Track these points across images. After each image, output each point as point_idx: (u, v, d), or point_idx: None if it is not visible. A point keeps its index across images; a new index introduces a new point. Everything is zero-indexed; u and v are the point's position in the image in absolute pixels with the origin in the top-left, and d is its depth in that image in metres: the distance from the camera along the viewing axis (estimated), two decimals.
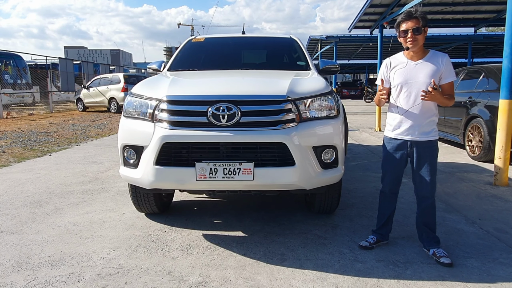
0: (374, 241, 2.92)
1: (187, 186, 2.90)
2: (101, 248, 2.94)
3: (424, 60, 2.68)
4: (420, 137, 2.70)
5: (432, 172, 2.73)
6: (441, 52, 2.73)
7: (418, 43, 2.63)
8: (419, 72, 2.66)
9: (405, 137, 2.74)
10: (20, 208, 3.89)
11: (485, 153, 5.99)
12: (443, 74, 2.66)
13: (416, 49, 2.67)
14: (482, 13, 11.50)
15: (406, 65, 2.72)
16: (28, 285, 2.41)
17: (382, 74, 2.86)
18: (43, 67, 22.50)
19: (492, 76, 6.33)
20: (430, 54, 2.70)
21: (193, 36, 5.07)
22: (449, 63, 2.67)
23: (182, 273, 2.56)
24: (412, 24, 2.62)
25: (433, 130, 2.72)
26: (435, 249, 2.76)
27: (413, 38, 2.62)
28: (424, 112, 2.67)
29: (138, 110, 3.01)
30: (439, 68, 2.64)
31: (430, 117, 2.70)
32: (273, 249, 2.93)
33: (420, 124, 2.68)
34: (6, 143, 8.00)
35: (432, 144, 2.73)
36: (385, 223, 2.95)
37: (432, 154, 2.73)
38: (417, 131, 2.69)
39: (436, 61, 2.66)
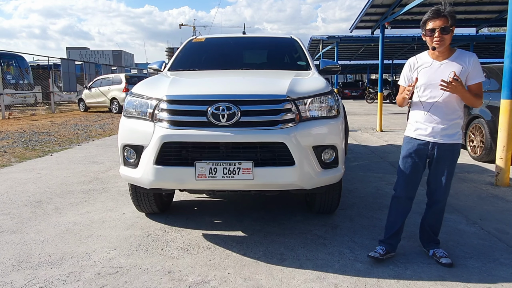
0: (384, 252, 2.71)
1: (186, 185, 2.90)
2: (101, 248, 2.94)
3: (450, 60, 2.54)
4: (443, 139, 2.56)
5: (449, 177, 2.64)
6: (469, 52, 2.59)
7: (445, 43, 2.49)
8: (444, 73, 2.51)
9: (427, 138, 2.60)
10: (20, 208, 3.90)
11: (486, 154, 5.97)
12: (470, 74, 2.52)
13: (444, 49, 2.53)
14: (483, 13, 11.47)
15: (430, 65, 2.59)
16: (28, 284, 2.41)
17: (406, 74, 2.75)
18: (45, 67, 22.57)
19: (494, 76, 6.32)
20: (456, 54, 2.56)
21: (194, 36, 5.08)
22: (477, 63, 2.53)
23: (182, 273, 2.55)
24: (440, 23, 2.46)
25: (457, 133, 2.59)
26: (435, 249, 2.74)
27: (440, 37, 2.47)
28: (449, 114, 2.55)
29: (138, 109, 3.01)
30: (466, 68, 2.50)
31: (455, 119, 2.57)
32: (272, 249, 2.92)
33: (444, 126, 2.55)
34: (8, 143, 8.02)
35: (454, 147, 2.60)
36: (396, 232, 2.76)
37: (453, 158, 2.62)
38: (440, 133, 2.56)
39: (463, 61, 2.52)
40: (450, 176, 2.66)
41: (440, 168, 2.63)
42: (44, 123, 12.25)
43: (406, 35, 17.96)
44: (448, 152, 2.59)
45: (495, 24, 13.90)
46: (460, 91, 2.44)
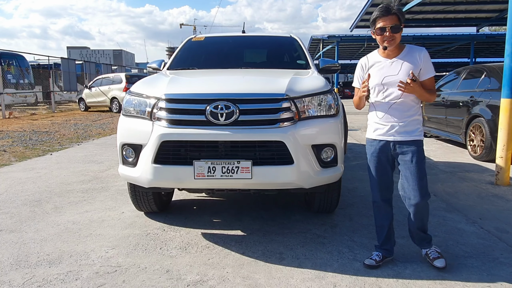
0: (380, 258, 2.63)
1: (185, 184, 2.89)
2: (99, 247, 2.94)
3: (400, 57, 2.50)
4: (403, 136, 2.49)
5: (419, 175, 2.49)
6: (418, 47, 2.54)
7: (395, 41, 2.46)
8: (396, 70, 2.47)
9: (387, 137, 2.53)
10: (20, 207, 3.89)
11: (486, 153, 5.96)
12: (423, 70, 2.47)
13: (395, 47, 2.50)
14: (484, 12, 11.47)
15: (382, 64, 2.53)
16: (26, 283, 2.40)
17: (358, 75, 2.67)
18: (46, 67, 22.59)
19: (494, 75, 6.30)
20: (406, 50, 2.52)
21: (194, 35, 5.07)
22: (427, 57, 2.48)
23: (180, 272, 2.55)
24: (390, 22, 2.42)
25: (417, 129, 2.52)
26: (427, 249, 2.66)
27: (391, 36, 2.43)
28: (405, 111, 2.49)
29: (137, 108, 3.01)
30: (417, 64, 2.46)
31: (412, 115, 2.50)
32: (271, 248, 2.92)
33: (402, 123, 2.49)
34: (8, 142, 8.02)
35: (416, 144, 2.51)
36: (387, 237, 2.68)
37: (418, 155, 2.50)
38: (399, 131, 2.49)
39: (413, 57, 2.48)
40: (421, 173, 2.50)
41: (407, 167, 2.52)
42: (44, 123, 12.25)
43: (406, 34, 17.95)
44: (411, 149, 2.50)
45: (495, 23, 13.91)
46: (418, 91, 2.41)
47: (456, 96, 7.23)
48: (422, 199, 2.51)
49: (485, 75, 6.59)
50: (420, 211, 2.57)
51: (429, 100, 2.54)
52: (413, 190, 2.51)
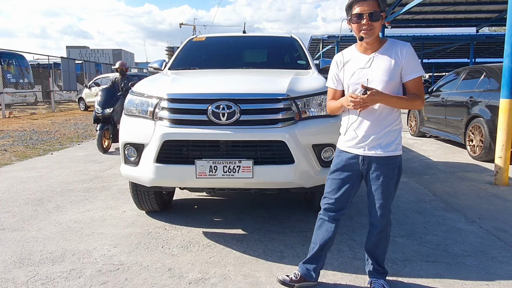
0: (297, 277, 2.32)
1: (187, 183, 2.92)
2: (101, 245, 2.96)
3: (380, 53, 2.10)
4: (375, 151, 2.11)
5: (385, 196, 2.15)
6: (402, 41, 2.13)
7: (374, 32, 2.05)
8: (374, 68, 2.08)
9: (357, 150, 2.15)
10: (22, 206, 3.92)
11: (486, 153, 5.99)
12: (405, 68, 2.06)
13: (373, 40, 2.09)
14: (484, 12, 11.50)
15: (358, 60, 2.15)
16: (30, 281, 2.43)
17: (333, 73, 2.27)
18: (45, 66, 22.59)
19: (493, 76, 6.33)
20: (387, 45, 2.11)
21: (194, 35, 5.09)
22: (411, 53, 2.07)
23: (182, 270, 2.58)
24: (368, 7, 2.01)
25: (392, 143, 2.11)
26: (374, 278, 2.33)
27: (369, 25, 2.03)
28: (381, 119, 2.10)
29: (139, 108, 3.03)
30: (399, 62, 2.06)
31: (389, 125, 2.10)
32: (272, 246, 2.94)
33: (376, 135, 2.10)
34: (9, 142, 8.04)
35: (390, 161, 2.11)
36: (315, 256, 2.33)
37: (389, 174, 2.12)
38: (371, 144, 2.11)
39: (395, 52, 2.07)
40: (387, 196, 2.15)
41: (374, 187, 2.16)
42: (45, 122, 12.26)
43: (406, 35, 18.00)
44: (383, 167, 2.12)
45: (495, 23, 13.93)
46: (386, 101, 2.03)
47: (456, 96, 7.26)
48: (381, 220, 2.20)
49: (484, 76, 6.62)
50: (378, 234, 2.26)
51: (411, 107, 2.14)
52: (375, 211, 2.20)
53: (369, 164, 2.14)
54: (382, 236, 2.27)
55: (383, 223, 2.22)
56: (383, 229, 2.25)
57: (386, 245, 2.32)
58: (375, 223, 2.24)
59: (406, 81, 2.09)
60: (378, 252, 2.32)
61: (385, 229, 2.26)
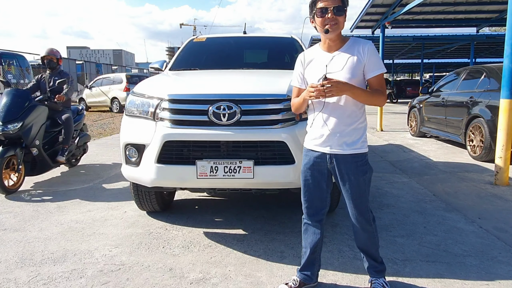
0: (296, 284, 2.33)
1: (188, 184, 2.93)
2: (103, 245, 2.97)
3: (343, 51, 2.12)
4: (341, 149, 2.11)
5: (357, 195, 2.15)
6: (364, 39, 2.16)
7: (338, 26, 2.06)
8: (337, 66, 2.09)
9: (323, 148, 2.15)
10: (23, 206, 3.93)
11: (486, 153, 5.99)
12: (367, 66, 2.09)
13: (335, 36, 2.10)
14: (484, 13, 11.49)
15: (322, 58, 2.16)
16: (32, 281, 2.44)
17: (298, 72, 2.28)
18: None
19: (493, 76, 6.34)
20: (350, 43, 2.14)
21: (195, 36, 5.11)
22: (373, 51, 2.10)
23: (183, 270, 2.59)
24: (332, 2, 2.04)
25: (358, 140, 2.13)
26: (374, 278, 2.33)
27: (334, 19, 2.04)
28: (345, 117, 2.11)
29: (140, 108, 3.04)
30: (361, 59, 2.08)
31: (353, 123, 2.11)
32: (273, 246, 2.95)
33: (341, 133, 2.11)
34: None
35: (357, 158, 2.12)
36: (309, 261, 2.34)
37: (357, 171, 2.12)
38: (336, 142, 2.11)
39: (357, 50, 2.10)
40: (360, 195, 2.16)
41: (345, 185, 2.16)
42: None
43: (406, 35, 17.99)
44: (350, 165, 2.12)
45: (495, 23, 13.92)
46: (347, 90, 2.01)
47: (456, 96, 7.27)
48: (361, 217, 2.21)
49: (484, 76, 6.63)
50: (362, 231, 2.26)
51: (374, 103, 2.13)
52: (350, 209, 2.22)
53: (336, 162, 2.14)
54: (368, 234, 2.26)
55: (363, 222, 2.22)
56: (366, 228, 2.24)
57: (375, 241, 2.31)
58: (355, 222, 2.24)
59: (369, 78, 2.12)
60: (370, 248, 2.31)
61: (368, 228, 2.25)
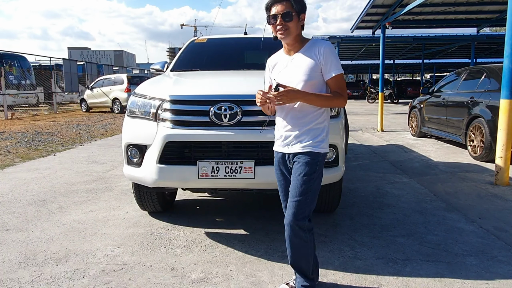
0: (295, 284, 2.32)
1: (189, 184, 2.95)
2: (105, 245, 2.99)
3: (301, 53, 2.11)
4: (296, 148, 2.11)
5: (299, 193, 2.05)
6: (322, 40, 2.14)
7: (290, 32, 2.06)
8: (295, 69, 2.10)
9: (283, 149, 2.17)
10: (25, 207, 3.95)
11: (486, 153, 6.00)
12: (324, 67, 2.06)
13: (291, 41, 2.11)
14: (484, 13, 11.49)
15: (283, 62, 2.19)
16: (35, 280, 2.46)
17: (267, 77, 2.34)
18: (47, 68, 22.67)
19: (494, 76, 6.35)
20: (308, 45, 2.13)
21: (196, 37, 5.13)
22: (330, 52, 2.06)
23: (185, 270, 2.60)
24: (282, 8, 2.03)
25: (314, 140, 2.09)
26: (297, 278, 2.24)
27: (283, 25, 2.04)
28: (301, 118, 2.10)
29: (142, 109, 3.06)
30: (317, 61, 2.06)
31: (310, 123, 2.10)
32: (274, 246, 2.97)
33: (297, 133, 2.11)
34: (11, 143, 8.08)
35: (309, 157, 2.07)
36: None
37: (306, 171, 2.05)
38: (293, 142, 2.12)
39: (314, 52, 2.08)
40: (302, 194, 2.05)
41: (292, 184, 2.11)
42: (47, 123, 12.32)
43: (407, 35, 17.99)
44: (301, 163, 2.08)
45: (496, 24, 13.92)
46: (298, 98, 2.01)
47: (457, 96, 7.28)
48: (293, 219, 2.06)
49: (485, 76, 6.64)
50: (293, 237, 2.10)
51: (332, 105, 2.13)
52: (288, 207, 2.10)
53: (294, 161, 2.13)
54: (300, 242, 2.10)
55: (295, 226, 2.06)
56: (298, 234, 2.08)
57: (308, 252, 2.14)
58: (287, 223, 2.09)
59: (327, 80, 2.09)
60: (300, 260, 2.15)
61: (300, 234, 2.08)
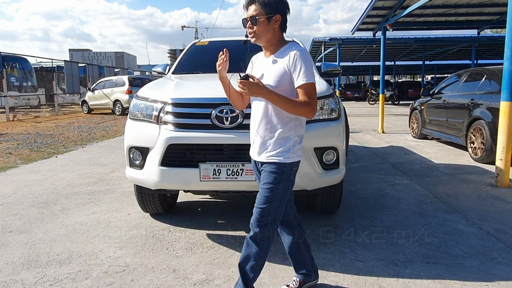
0: (297, 284, 2.35)
1: (191, 186, 2.98)
2: (107, 247, 3.02)
3: (274, 56, 2.04)
4: (262, 157, 2.05)
5: (263, 202, 2.00)
6: (296, 45, 2.03)
7: (257, 35, 2.00)
8: (267, 72, 2.03)
9: (254, 156, 2.13)
10: (28, 209, 3.98)
11: (487, 155, 6.01)
12: (294, 74, 1.96)
13: (264, 43, 2.05)
14: (485, 15, 11.52)
15: (260, 64, 2.15)
16: (38, 282, 2.48)
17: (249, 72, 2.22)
18: (49, 69, 22.75)
19: (494, 78, 6.37)
20: (283, 48, 2.04)
21: (198, 39, 5.16)
22: (300, 59, 1.95)
23: (187, 271, 2.62)
24: (250, 12, 1.99)
25: (279, 149, 2.01)
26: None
27: (252, 30, 2.00)
28: (266, 124, 2.03)
29: (144, 112, 3.09)
30: (287, 67, 1.97)
31: (276, 132, 2.01)
32: (275, 248, 2.98)
33: (263, 141, 2.05)
34: (13, 145, 8.12)
35: (273, 167, 2.01)
36: (298, 261, 2.34)
37: (270, 180, 2.00)
38: (260, 149, 2.06)
39: (285, 57, 1.99)
40: (265, 203, 2.00)
41: (259, 192, 2.06)
42: (48, 125, 12.36)
43: (408, 37, 18.03)
44: (266, 172, 2.03)
45: (496, 25, 13.94)
46: (261, 93, 1.91)
47: (457, 98, 7.30)
48: (255, 226, 2.02)
49: (485, 78, 6.65)
50: (251, 242, 2.06)
51: (296, 112, 1.99)
52: (254, 212, 2.05)
53: (261, 169, 2.09)
54: (255, 249, 2.05)
55: (257, 232, 2.02)
56: (256, 240, 2.04)
57: (257, 262, 2.08)
58: (251, 228, 2.06)
59: (296, 87, 1.97)
60: (247, 267, 2.09)
61: (259, 241, 2.04)
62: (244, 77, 1.92)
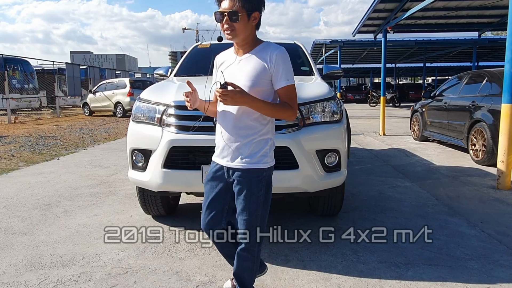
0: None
1: (194, 188, 2.99)
2: (110, 249, 3.03)
3: (249, 55, 1.91)
4: (237, 163, 1.92)
5: (247, 213, 1.93)
6: (276, 45, 1.90)
7: (236, 33, 1.85)
8: (239, 72, 1.90)
9: (221, 160, 1.98)
10: (30, 211, 3.99)
11: (488, 157, 6.02)
12: (274, 76, 1.87)
13: (240, 41, 1.91)
14: (486, 17, 11.55)
15: (230, 62, 1.99)
16: (41, 283, 2.49)
17: (214, 75, 2.12)
18: (50, 72, 22.81)
19: (495, 80, 6.38)
20: (260, 47, 1.92)
21: (199, 42, 5.18)
22: (282, 59, 1.86)
23: (189, 273, 2.63)
24: (229, 6, 1.81)
25: (256, 154, 1.90)
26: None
27: (230, 25, 1.83)
28: (239, 129, 1.90)
29: (146, 114, 3.11)
30: (267, 67, 1.86)
31: (249, 136, 1.90)
32: (277, 250, 2.99)
33: (237, 145, 1.91)
34: (15, 147, 8.14)
35: (252, 174, 1.91)
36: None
37: (251, 189, 1.91)
38: (233, 154, 1.93)
39: (264, 57, 1.87)
40: (250, 214, 1.93)
41: (237, 202, 1.96)
42: (50, 127, 12.39)
43: (408, 39, 18.07)
44: (243, 180, 1.91)
45: (497, 28, 13.96)
46: (244, 101, 1.81)
47: (458, 101, 7.31)
48: (243, 237, 1.98)
49: (486, 80, 6.67)
50: (243, 252, 2.03)
51: (280, 117, 1.95)
52: (238, 225, 1.99)
53: (234, 176, 1.95)
54: (246, 256, 2.03)
55: (247, 242, 1.98)
56: (248, 248, 2.01)
57: (253, 268, 2.09)
58: (239, 240, 2.01)
59: (277, 89, 1.90)
60: (244, 276, 2.09)
61: (250, 249, 2.01)
62: (224, 85, 1.79)
